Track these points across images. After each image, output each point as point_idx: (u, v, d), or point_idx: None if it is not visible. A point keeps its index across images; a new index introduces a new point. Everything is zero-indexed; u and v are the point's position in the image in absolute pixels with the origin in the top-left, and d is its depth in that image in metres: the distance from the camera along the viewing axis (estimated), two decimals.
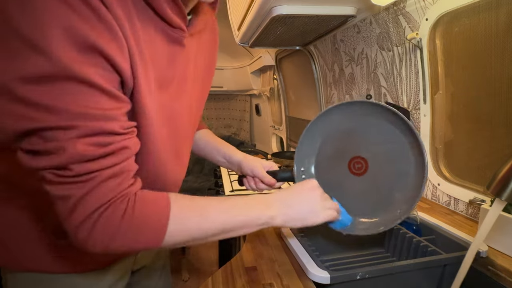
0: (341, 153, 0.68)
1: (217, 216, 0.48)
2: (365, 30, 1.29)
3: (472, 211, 0.92)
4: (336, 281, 0.59)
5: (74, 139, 0.36)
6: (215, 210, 0.48)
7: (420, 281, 0.67)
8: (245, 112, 3.75)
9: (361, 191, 0.68)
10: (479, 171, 0.94)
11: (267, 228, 0.83)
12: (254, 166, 0.72)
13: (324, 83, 1.91)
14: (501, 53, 0.82)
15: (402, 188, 0.65)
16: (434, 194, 1.07)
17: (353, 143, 0.66)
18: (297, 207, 0.55)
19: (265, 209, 0.52)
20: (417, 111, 1.12)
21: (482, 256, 0.69)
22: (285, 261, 0.69)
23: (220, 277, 0.64)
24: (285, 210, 0.54)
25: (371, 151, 0.64)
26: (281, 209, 0.53)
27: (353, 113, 0.65)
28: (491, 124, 0.88)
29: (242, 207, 0.51)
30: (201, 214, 0.47)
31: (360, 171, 0.67)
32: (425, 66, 1.05)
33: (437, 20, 0.96)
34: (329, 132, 0.69)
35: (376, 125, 0.63)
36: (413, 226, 0.81)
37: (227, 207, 0.50)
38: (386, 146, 0.63)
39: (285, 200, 0.55)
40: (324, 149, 0.71)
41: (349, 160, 0.67)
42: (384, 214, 0.67)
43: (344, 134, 0.67)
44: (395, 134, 0.62)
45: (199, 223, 0.46)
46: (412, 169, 0.63)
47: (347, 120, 0.66)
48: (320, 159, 0.72)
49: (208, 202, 0.49)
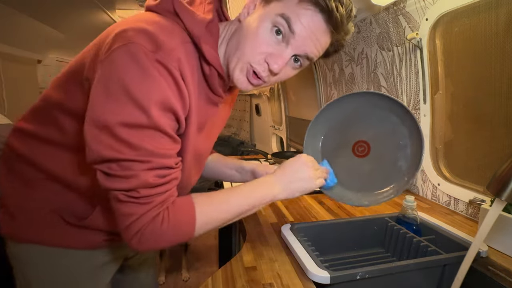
0: (344, 141, 0.76)
1: (232, 205, 0.59)
2: (365, 30, 1.29)
3: (472, 211, 0.92)
4: (336, 281, 0.59)
5: (146, 170, 0.49)
6: (228, 200, 0.60)
7: (420, 281, 0.67)
8: (245, 112, 3.75)
9: (368, 169, 0.75)
10: (479, 171, 0.94)
11: (267, 228, 0.84)
12: (268, 169, 0.80)
13: (324, 83, 1.91)
14: (501, 53, 0.82)
15: (404, 158, 0.73)
16: (434, 194, 1.07)
17: (353, 131, 0.74)
18: (295, 181, 0.65)
19: (269, 189, 0.63)
20: (417, 111, 1.12)
21: (482, 256, 0.69)
22: (285, 261, 0.69)
23: (220, 277, 0.64)
24: (286, 186, 0.64)
25: (370, 133, 0.73)
26: (282, 186, 0.64)
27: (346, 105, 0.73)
28: (491, 124, 0.88)
29: (249, 192, 0.62)
30: (219, 206, 0.59)
31: (363, 153, 0.74)
32: (425, 66, 1.05)
33: (437, 20, 0.96)
34: (330, 125, 0.78)
35: (369, 111, 0.72)
36: (413, 226, 0.81)
37: (238, 195, 0.61)
38: (381, 126, 0.72)
39: (284, 178, 0.65)
40: (328, 142, 0.80)
41: (353, 145, 0.75)
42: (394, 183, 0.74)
43: (343, 125, 0.75)
44: (385, 114, 0.71)
45: (218, 213, 0.58)
46: (408, 139, 0.71)
47: (342, 113, 0.75)
48: (326, 150, 0.80)
49: (221, 195, 0.60)
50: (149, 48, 0.47)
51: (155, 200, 0.51)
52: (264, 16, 0.54)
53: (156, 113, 0.47)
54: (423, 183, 1.12)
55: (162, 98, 0.48)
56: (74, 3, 1.79)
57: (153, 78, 0.47)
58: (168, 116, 0.50)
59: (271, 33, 0.54)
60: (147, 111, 0.46)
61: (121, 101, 0.46)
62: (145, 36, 0.47)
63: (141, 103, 0.46)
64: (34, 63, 2.45)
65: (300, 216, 0.96)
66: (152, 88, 0.47)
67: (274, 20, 0.53)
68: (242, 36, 0.56)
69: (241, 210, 0.60)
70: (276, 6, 0.54)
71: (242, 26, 0.57)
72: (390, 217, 0.87)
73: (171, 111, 0.50)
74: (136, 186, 0.48)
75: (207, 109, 0.62)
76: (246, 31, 0.56)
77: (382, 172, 0.75)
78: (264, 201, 0.62)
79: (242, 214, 0.61)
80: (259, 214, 0.97)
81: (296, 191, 0.65)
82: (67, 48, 2.54)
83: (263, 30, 0.54)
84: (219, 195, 0.60)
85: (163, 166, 0.51)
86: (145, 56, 0.46)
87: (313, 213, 0.98)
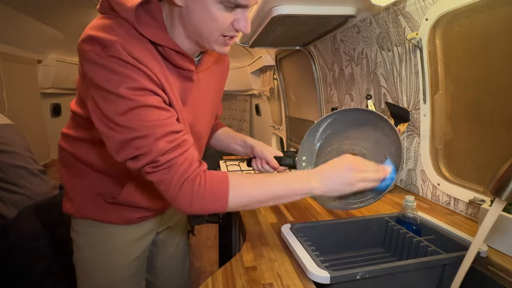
0: (337, 151, 0.80)
1: (267, 187, 0.64)
2: (365, 30, 1.29)
3: (472, 211, 0.92)
4: (336, 281, 0.59)
5: (154, 141, 0.57)
6: (265, 182, 0.65)
7: (420, 281, 0.67)
8: (245, 112, 3.75)
9: None
10: (479, 171, 0.94)
11: (267, 228, 0.84)
12: (264, 148, 0.91)
13: (324, 83, 1.91)
14: (501, 53, 0.82)
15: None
16: (434, 194, 1.07)
17: (346, 142, 0.78)
18: (335, 179, 0.67)
19: (306, 182, 0.66)
20: (417, 111, 1.12)
21: (482, 256, 0.69)
22: (285, 261, 0.69)
23: (220, 277, 0.64)
24: (324, 182, 0.66)
25: (360, 146, 0.76)
26: (319, 181, 0.66)
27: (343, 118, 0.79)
28: (491, 124, 0.88)
29: (287, 180, 0.66)
30: (254, 184, 0.64)
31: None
32: (425, 66, 1.05)
33: (437, 20, 0.96)
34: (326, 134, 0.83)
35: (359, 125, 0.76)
36: (413, 226, 0.81)
37: (274, 179, 0.66)
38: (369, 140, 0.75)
39: (325, 173, 0.67)
40: (323, 147, 0.84)
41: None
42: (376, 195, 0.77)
43: (338, 136, 0.80)
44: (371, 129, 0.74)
45: (253, 192, 0.64)
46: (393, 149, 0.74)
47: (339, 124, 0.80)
48: (319, 154, 0.85)
49: (259, 177, 0.66)
50: (98, 49, 0.55)
51: (177, 161, 0.59)
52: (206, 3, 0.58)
53: (134, 94, 0.56)
54: (423, 183, 1.12)
55: (131, 81, 0.56)
56: (74, 3, 1.79)
57: (114, 70, 0.55)
58: (147, 93, 0.58)
59: (225, 11, 0.59)
60: (126, 96, 0.56)
61: (106, 98, 0.56)
62: (91, 41, 0.56)
63: (118, 92, 0.55)
64: (34, 63, 2.45)
65: (300, 216, 0.96)
66: (118, 78, 0.55)
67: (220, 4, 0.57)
68: (198, 22, 0.60)
69: (274, 195, 0.64)
70: None
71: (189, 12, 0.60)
72: (390, 217, 0.87)
73: (145, 88, 0.57)
74: (154, 157, 0.57)
75: (182, 84, 0.69)
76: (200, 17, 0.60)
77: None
78: (299, 192, 0.66)
79: (275, 199, 0.65)
80: (259, 214, 0.97)
81: (331, 189, 0.67)
82: (67, 48, 2.54)
83: (217, 11, 0.58)
84: (254, 177, 0.66)
85: (167, 132, 0.58)
86: (98, 56, 0.55)
87: (313, 213, 0.98)
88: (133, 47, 0.57)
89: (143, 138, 0.57)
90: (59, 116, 2.97)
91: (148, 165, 0.59)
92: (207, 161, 0.75)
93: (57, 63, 2.63)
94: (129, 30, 0.59)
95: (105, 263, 0.82)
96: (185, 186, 0.59)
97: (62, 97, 2.97)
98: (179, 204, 0.60)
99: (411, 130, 1.17)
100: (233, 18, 0.60)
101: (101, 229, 0.80)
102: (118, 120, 0.56)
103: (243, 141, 0.95)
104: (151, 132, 0.57)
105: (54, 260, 1.06)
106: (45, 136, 2.61)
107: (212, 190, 0.61)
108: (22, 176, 1.26)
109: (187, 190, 0.59)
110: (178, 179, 0.59)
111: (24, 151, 1.32)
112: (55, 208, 1.03)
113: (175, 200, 0.60)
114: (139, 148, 0.57)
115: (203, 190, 0.60)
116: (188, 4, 0.59)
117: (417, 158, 1.15)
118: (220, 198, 0.61)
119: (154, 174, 0.59)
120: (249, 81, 3.14)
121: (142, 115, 0.57)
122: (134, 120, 0.56)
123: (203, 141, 0.84)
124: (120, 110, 0.56)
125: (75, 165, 0.78)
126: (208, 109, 0.82)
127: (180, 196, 0.59)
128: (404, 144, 1.22)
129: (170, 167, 0.58)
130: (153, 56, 0.62)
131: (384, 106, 1.32)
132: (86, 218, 0.79)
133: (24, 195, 1.24)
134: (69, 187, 0.81)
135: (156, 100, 0.59)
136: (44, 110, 2.75)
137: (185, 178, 0.59)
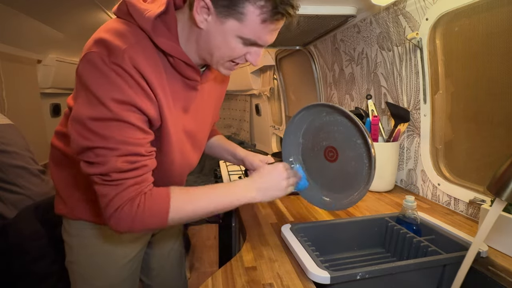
0: (318, 145, 0.81)
1: (206, 203, 0.66)
2: (365, 30, 1.28)
3: (472, 211, 0.92)
4: (336, 281, 0.59)
5: (115, 156, 0.57)
6: (205, 197, 0.66)
7: (420, 281, 0.67)
8: (245, 112, 3.75)
9: (337, 173, 0.79)
10: (479, 171, 0.94)
11: (267, 228, 0.84)
12: (253, 161, 0.90)
13: (324, 83, 1.91)
14: (501, 53, 0.81)
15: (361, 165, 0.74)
16: (434, 194, 1.07)
17: (325, 136, 0.79)
18: (270, 188, 0.73)
19: (245, 192, 0.70)
20: (417, 111, 1.12)
21: (482, 256, 0.69)
22: (285, 261, 0.69)
23: (220, 277, 0.64)
24: (262, 192, 0.72)
25: (337, 140, 0.77)
26: (258, 191, 0.71)
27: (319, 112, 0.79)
28: (491, 124, 0.88)
29: (226, 193, 0.69)
30: (194, 202, 0.65)
31: (333, 158, 0.79)
32: (425, 66, 1.05)
33: (437, 20, 0.96)
34: (306, 129, 0.84)
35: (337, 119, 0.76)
36: (413, 226, 0.81)
37: (214, 194, 0.68)
38: (344, 134, 0.76)
39: (261, 183, 0.72)
40: (305, 143, 0.85)
41: (324, 149, 0.80)
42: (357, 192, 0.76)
43: (317, 129, 0.81)
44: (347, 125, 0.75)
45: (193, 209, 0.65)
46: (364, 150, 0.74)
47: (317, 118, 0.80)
48: (304, 151, 0.86)
49: (198, 191, 0.67)
50: (104, 53, 0.56)
51: (126, 183, 0.58)
52: (227, 35, 0.60)
53: (117, 107, 0.56)
54: (423, 183, 1.12)
55: (121, 94, 0.56)
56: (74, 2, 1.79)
57: (110, 79, 0.55)
58: (131, 109, 0.58)
59: (243, 45, 0.62)
60: (108, 106, 0.55)
61: (89, 101, 0.56)
62: (100, 44, 0.56)
63: (103, 100, 0.55)
64: (34, 63, 2.44)
65: (300, 216, 0.96)
66: (110, 86, 0.55)
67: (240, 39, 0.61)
68: (214, 47, 0.63)
69: (216, 208, 0.67)
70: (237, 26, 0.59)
71: (208, 35, 0.62)
72: (390, 217, 0.87)
73: (133, 104, 0.57)
74: (108, 171, 0.57)
75: (186, 93, 0.71)
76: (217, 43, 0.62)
77: (347, 178, 0.78)
78: (239, 202, 0.69)
79: (216, 211, 0.68)
80: (259, 214, 0.97)
81: (269, 197, 0.73)
82: (67, 48, 2.54)
83: (233, 43, 0.62)
84: (196, 191, 0.67)
85: (132, 153, 0.58)
86: (102, 61, 0.55)
87: (313, 213, 0.98)
88: (141, 57, 0.58)
89: (107, 149, 0.56)
90: (59, 116, 2.97)
91: (99, 176, 0.58)
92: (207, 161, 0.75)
93: (57, 63, 2.62)
94: (142, 40, 0.60)
95: (100, 264, 0.81)
96: (127, 206, 0.58)
97: (62, 97, 2.97)
98: (113, 225, 0.59)
99: (411, 130, 1.17)
100: (247, 51, 0.64)
101: (95, 230, 0.80)
102: (90, 123, 0.55)
103: (233, 154, 0.95)
104: (116, 146, 0.56)
105: (54, 260, 1.06)
106: (44, 136, 2.60)
107: (152, 210, 0.60)
108: (22, 176, 1.26)
109: (128, 211, 0.58)
110: (121, 199, 0.58)
111: (24, 151, 1.32)
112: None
113: (109, 220, 0.59)
114: (98, 156, 0.57)
115: (142, 210, 0.59)
116: (210, 29, 0.61)
117: (417, 158, 1.15)
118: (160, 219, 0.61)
119: (101, 187, 0.58)
120: (249, 81, 3.14)
121: (116, 129, 0.56)
122: (105, 130, 0.56)
123: (202, 147, 0.86)
124: (96, 116, 0.55)
125: (67, 164, 0.77)
126: (208, 117, 0.84)
127: (121, 215, 0.58)
128: (405, 144, 1.22)
129: (118, 185, 0.58)
130: (159, 67, 0.62)
131: (384, 106, 1.32)
132: (79, 219, 0.79)
133: (24, 195, 1.24)
134: (61, 188, 0.80)
135: (138, 119, 0.59)
136: (44, 110, 2.75)
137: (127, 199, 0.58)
